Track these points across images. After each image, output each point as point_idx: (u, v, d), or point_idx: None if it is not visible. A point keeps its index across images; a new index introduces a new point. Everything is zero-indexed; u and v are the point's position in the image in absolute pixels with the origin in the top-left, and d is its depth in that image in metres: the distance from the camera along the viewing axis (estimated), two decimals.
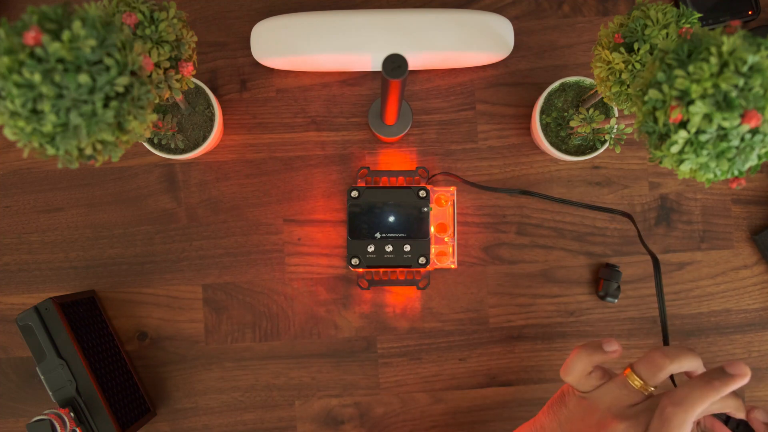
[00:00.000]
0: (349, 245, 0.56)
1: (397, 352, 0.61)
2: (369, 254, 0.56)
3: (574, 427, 0.44)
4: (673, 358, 0.41)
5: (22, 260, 0.60)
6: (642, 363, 0.42)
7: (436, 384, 0.61)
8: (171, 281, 0.60)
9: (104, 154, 0.35)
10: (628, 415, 0.41)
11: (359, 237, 0.56)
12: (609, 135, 0.52)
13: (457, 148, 0.61)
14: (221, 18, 0.61)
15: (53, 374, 0.52)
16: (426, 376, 0.61)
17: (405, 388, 0.61)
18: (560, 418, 0.45)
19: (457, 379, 0.61)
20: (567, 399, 0.45)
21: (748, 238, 0.61)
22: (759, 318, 0.61)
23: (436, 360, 0.61)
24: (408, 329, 0.61)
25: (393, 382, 0.61)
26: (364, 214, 0.56)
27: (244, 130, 0.61)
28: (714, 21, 0.60)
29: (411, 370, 0.61)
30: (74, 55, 0.30)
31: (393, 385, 0.61)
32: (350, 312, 0.60)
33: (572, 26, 0.62)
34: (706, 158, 0.33)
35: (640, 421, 0.40)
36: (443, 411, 0.61)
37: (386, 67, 0.41)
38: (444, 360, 0.61)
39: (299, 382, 0.60)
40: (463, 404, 0.61)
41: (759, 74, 0.31)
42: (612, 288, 0.59)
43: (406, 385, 0.61)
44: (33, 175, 0.60)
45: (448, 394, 0.61)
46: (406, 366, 0.61)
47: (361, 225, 0.56)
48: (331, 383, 0.60)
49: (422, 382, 0.61)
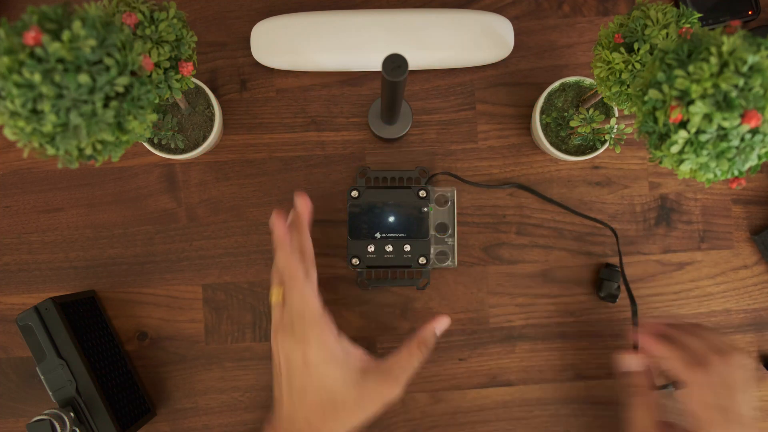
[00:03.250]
0: (350, 245, 0.56)
1: None
2: (369, 254, 0.56)
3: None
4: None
5: (22, 260, 0.60)
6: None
7: (436, 384, 0.61)
8: (171, 281, 0.60)
9: (104, 154, 0.35)
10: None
11: (359, 237, 0.56)
12: (609, 135, 0.52)
13: (457, 148, 0.61)
14: (221, 18, 0.61)
15: (53, 374, 0.52)
16: (426, 376, 0.61)
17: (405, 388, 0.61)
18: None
19: (457, 379, 0.61)
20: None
21: (748, 238, 0.61)
22: (759, 318, 0.61)
23: (436, 360, 0.61)
24: (408, 329, 0.61)
25: None
26: (364, 214, 0.56)
27: (244, 130, 0.61)
28: (714, 21, 0.60)
29: None
30: (74, 55, 0.30)
31: None
32: (350, 312, 0.60)
33: (572, 26, 0.62)
34: (706, 158, 0.33)
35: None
36: (443, 411, 0.61)
37: (386, 67, 0.41)
38: (444, 360, 0.61)
39: None
40: (463, 404, 0.61)
41: (759, 74, 0.31)
42: (612, 288, 0.59)
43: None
44: (33, 175, 0.60)
45: (448, 394, 0.61)
46: None
47: (362, 225, 0.56)
48: None
49: (422, 382, 0.61)
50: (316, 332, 0.47)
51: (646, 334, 0.51)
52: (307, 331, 0.47)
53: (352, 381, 0.47)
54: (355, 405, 0.47)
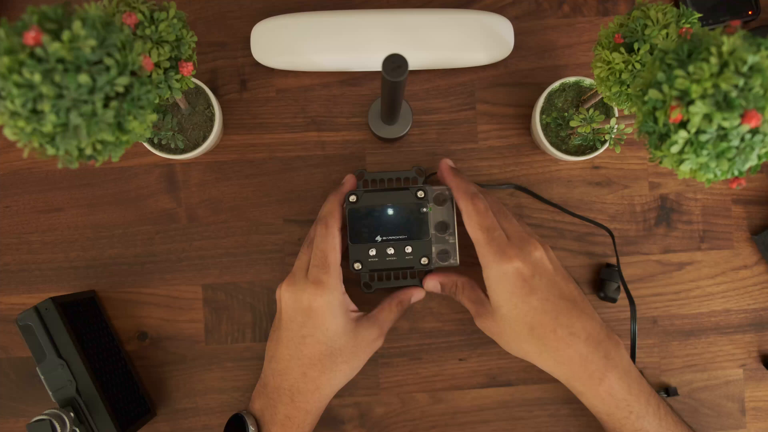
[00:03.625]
0: (351, 250, 0.56)
1: (397, 352, 0.61)
2: (371, 258, 0.56)
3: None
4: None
5: (22, 260, 0.60)
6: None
7: (436, 384, 0.61)
8: (171, 281, 0.60)
9: (104, 154, 0.35)
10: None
11: (360, 241, 0.56)
12: (609, 135, 0.52)
13: (457, 148, 0.61)
14: (221, 18, 0.61)
15: (53, 374, 0.52)
16: (426, 376, 0.61)
17: (405, 388, 0.61)
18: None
19: (457, 379, 0.61)
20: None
21: (748, 238, 0.61)
22: (759, 318, 0.61)
23: (436, 360, 0.61)
24: (408, 329, 0.61)
25: (393, 382, 0.61)
26: (364, 218, 0.56)
27: (244, 130, 0.61)
28: (714, 21, 0.60)
29: (411, 370, 0.61)
30: (74, 55, 0.30)
31: (393, 385, 0.61)
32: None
33: (572, 26, 0.62)
34: (706, 158, 0.33)
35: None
36: (443, 411, 0.61)
37: (386, 67, 0.41)
38: (444, 360, 0.61)
39: None
40: (463, 404, 0.61)
41: (759, 74, 0.31)
42: (612, 288, 0.59)
43: (406, 385, 0.61)
44: (33, 175, 0.60)
45: (448, 394, 0.61)
46: (406, 366, 0.61)
47: (362, 229, 0.56)
48: None
49: (422, 382, 0.61)
50: (330, 279, 0.51)
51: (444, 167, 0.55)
52: (322, 276, 0.50)
53: (349, 330, 0.52)
54: (351, 354, 0.52)
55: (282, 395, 0.52)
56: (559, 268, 0.52)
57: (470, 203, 0.51)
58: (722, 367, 0.61)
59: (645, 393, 0.50)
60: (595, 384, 0.49)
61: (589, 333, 0.49)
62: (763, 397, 0.61)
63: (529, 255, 0.49)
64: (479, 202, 0.51)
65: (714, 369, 0.61)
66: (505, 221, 0.52)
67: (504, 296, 0.50)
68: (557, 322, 0.49)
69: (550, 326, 0.49)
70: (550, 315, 0.49)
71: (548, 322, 0.49)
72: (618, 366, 0.49)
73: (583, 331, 0.49)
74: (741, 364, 0.61)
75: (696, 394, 0.61)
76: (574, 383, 0.51)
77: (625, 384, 0.49)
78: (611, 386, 0.49)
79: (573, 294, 0.51)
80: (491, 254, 0.49)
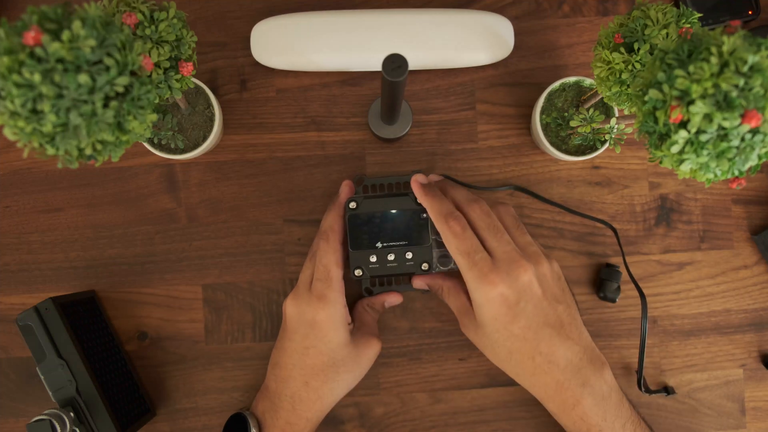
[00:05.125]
0: (352, 257, 0.56)
1: (397, 352, 0.61)
2: (372, 264, 0.56)
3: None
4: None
5: (22, 260, 0.60)
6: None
7: (436, 384, 0.61)
8: (171, 281, 0.60)
9: (104, 154, 0.35)
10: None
11: (361, 248, 0.56)
12: (609, 135, 0.52)
13: (457, 148, 0.61)
14: (221, 18, 0.61)
15: (53, 374, 0.52)
16: (426, 376, 0.61)
17: (405, 388, 0.61)
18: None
19: (457, 379, 0.61)
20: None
21: (748, 238, 0.61)
22: (759, 318, 0.61)
23: (436, 360, 0.61)
24: (408, 329, 0.61)
25: (393, 382, 0.61)
26: (364, 225, 0.55)
27: (244, 130, 0.61)
28: (714, 21, 0.60)
29: (411, 370, 0.61)
30: (74, 55, 0.30)
31: (393, 385, 0.61)
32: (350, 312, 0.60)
33: (572, 26, 0.62)
34: (707, 158, 0.33)
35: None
36: (443, 411, 0.61)
37: (386, 67, 0.41)
38: (444, 360, 0.61)
39: None
40: (463, 404, 0.61)
41: (759, 74, 0.31)
42: (612, 288, 0.59)
43: (406, 385, 0.61)
44: (33, 175, 0.60)
45: (448, 394, 0.61)
46: (406, 366, 0.61)
47: (362, 236, 0.55)
48: None
49: (422, 382, 0.61)
50: (333, 294, 0.52)
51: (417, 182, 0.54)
52: (324, 290, 0.52)
53: (351, 342, 0.53)
54: (354, 363, 0.53)
55: (283, 401, 0.52)
56: (550, 289, 0.50)
57: (445, 226, 0.50)
58: (722, 367, 0.61)
59: (622, 418, 0.49)
60: (569, 408, 0.49)
61: (569, 360, 0.48)
62: (763, 397, 0.61)
63: (516, 280, 0.48)
64: (455, 224, 0.49)
65: (714, 369, 0.61)
66: (494, 239, 0.50)
67: (486, 319, 0.50)
68: (537, 350, 0.48)
69: (528, 354, 0.49)
70: (530, 343, 0.48)
71: (527, 350, 0.49)
72: (595, 392, 0.48)
73: (563, 359, 0.48)
74: (741, 364, 0.61)
75: (696, 394, 0.61)
76: (548, 404, 0.51)
77: (601, 410, 0.48)
78: (584, 412, 0.48)
79: (560, 318, 0.49)
80: (473, 280, 0.49)
